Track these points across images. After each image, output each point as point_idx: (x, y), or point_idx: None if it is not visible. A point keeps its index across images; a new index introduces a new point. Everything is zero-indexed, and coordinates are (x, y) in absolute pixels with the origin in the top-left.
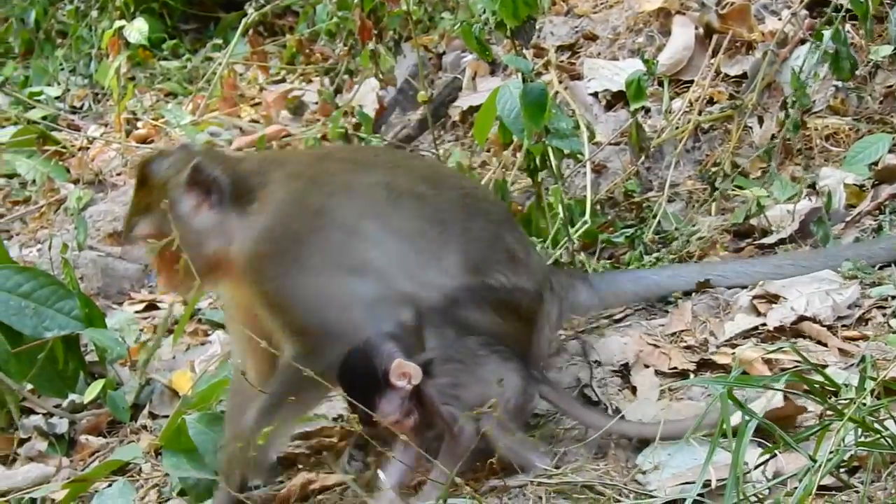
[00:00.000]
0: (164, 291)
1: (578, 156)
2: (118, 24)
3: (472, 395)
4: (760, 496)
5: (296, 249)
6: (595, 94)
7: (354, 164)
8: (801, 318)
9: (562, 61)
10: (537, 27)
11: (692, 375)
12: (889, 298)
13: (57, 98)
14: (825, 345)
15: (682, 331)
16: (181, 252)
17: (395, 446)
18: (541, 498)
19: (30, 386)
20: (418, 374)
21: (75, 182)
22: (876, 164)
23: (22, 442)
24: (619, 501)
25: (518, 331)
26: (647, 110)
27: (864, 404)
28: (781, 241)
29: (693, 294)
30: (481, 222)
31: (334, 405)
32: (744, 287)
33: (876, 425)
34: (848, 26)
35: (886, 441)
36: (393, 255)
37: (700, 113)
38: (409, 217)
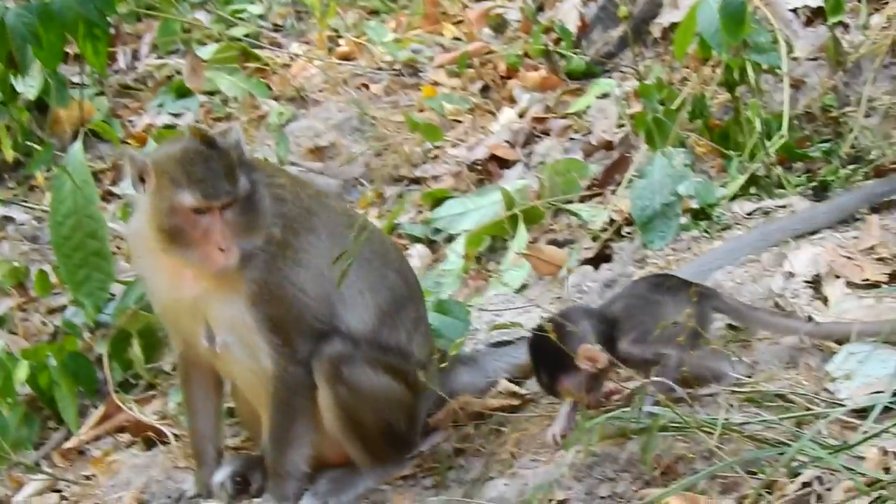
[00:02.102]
0: (224, 267)
1: (777, 70)
2: None
3: (661, 334)
4: None
5: (294, 243)
6: (794, 10)
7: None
8: None
9: None
10: None
11: (884, 287)
12: None
13: (259, 16)
14: None
15: (876, 244)
16: (258, 207)
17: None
18: (732, 406)
19: None
20: (604, 359)
21: (276, 99)
22: None
23: None
24: (809, 409)
25: (402, 395)
26: (846, 25)
27: None
28: None
29: (880, 208)
30: (396, 277)
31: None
32: None
33: None
34: None
35: None
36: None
37: None
38: (363, 242)
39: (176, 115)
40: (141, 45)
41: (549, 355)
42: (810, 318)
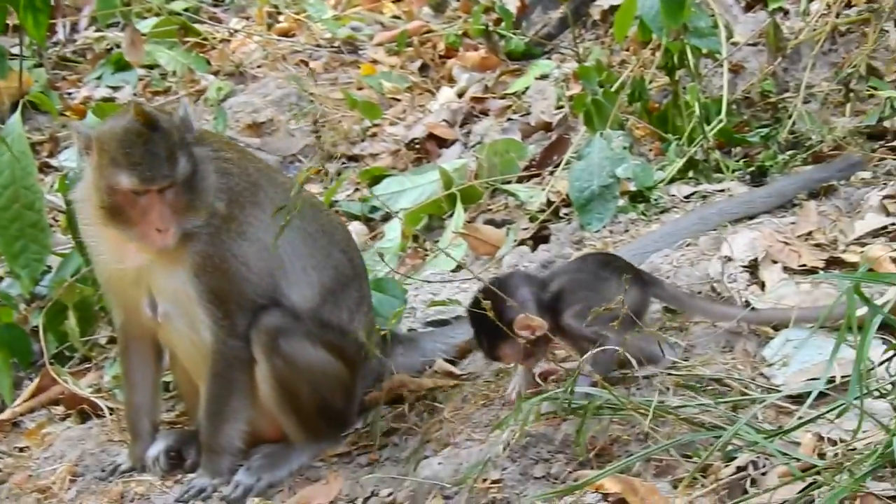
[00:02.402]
0: (161, 248)
1: (716, 55)
2: None
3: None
4: (884, 391)
5: (240, 216)
6: None
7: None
8: None
9: None
10: None
11: (821, 273)
12: None
13: None
14: None
15: (813, 230)
16: (198, 188)
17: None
18: (668, 389)
19: None
20: (543, 326)
21: (215, 73)
22: None
23: None
24: (745, 394)
25: (339, 372)
26: (786, 12)
27: None
28: None
29: (818, 194)
30: (342, 256)
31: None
32: None
33: None
34: None
35: None
36: (289, 246)
37: (837, 15)
38: (310, 220)
39: (114, 88)
40: (80, 17)
41: (488, 322)
42: (748, 304)
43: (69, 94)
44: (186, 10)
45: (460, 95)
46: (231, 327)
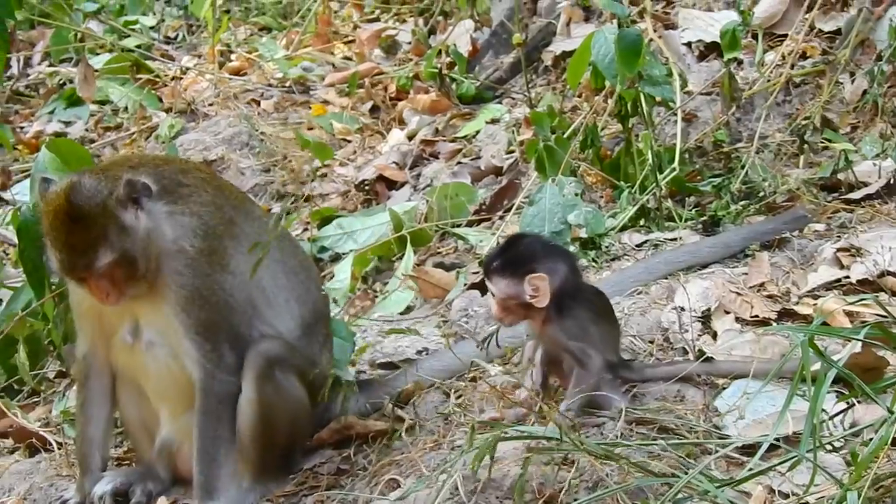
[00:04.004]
0: (114, 304)
1: (670, 104)
2: None
3: (593, 338)
4: (836, 445)
5: (219, 248)
6: (688, 44)
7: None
8: (885, 273)
9: (657, 10)
10: None
11: (774, 324)
12: None
13: (152, 28)
14: None
15: (766, 281)
16: (136, 264)
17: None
18: (618, 436)
19: None
20: (542, 300)
21: (167, 111)
22: None
23: None
24: (698, 445)
25: (308, 409)
26: (740, 62)
27: None
28: (868, 197)
29: (771, 245)
30: (318, 292)
31: None
32: None
33: None
34: None
35: None
36: (270, 280)
37: (792, 67)
38: (290, 255)
39: (67, 123)
40: (34, 52)
41: (517, 253)
42: (701, 353)
43: (21, 128)
44: (139, 47)
45: (410, 138)
46: (219, 360)
